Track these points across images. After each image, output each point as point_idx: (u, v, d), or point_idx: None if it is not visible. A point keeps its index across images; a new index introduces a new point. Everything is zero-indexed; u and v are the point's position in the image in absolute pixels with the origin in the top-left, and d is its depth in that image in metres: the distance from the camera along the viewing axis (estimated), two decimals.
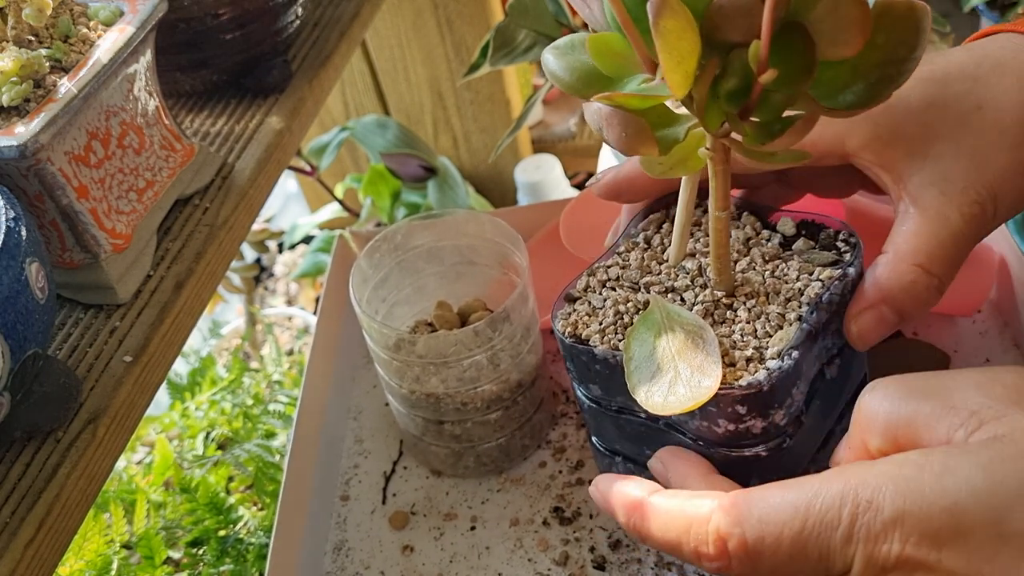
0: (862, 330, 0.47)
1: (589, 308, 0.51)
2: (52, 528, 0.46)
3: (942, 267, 0.46)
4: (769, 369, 0.44)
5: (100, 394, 0.51)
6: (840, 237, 0.49)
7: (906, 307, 0.47)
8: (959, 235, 0.46)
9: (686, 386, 0.43)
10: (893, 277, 0.46)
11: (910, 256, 0.46)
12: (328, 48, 0.75)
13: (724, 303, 0.48)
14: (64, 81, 0.51)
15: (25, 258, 0.44)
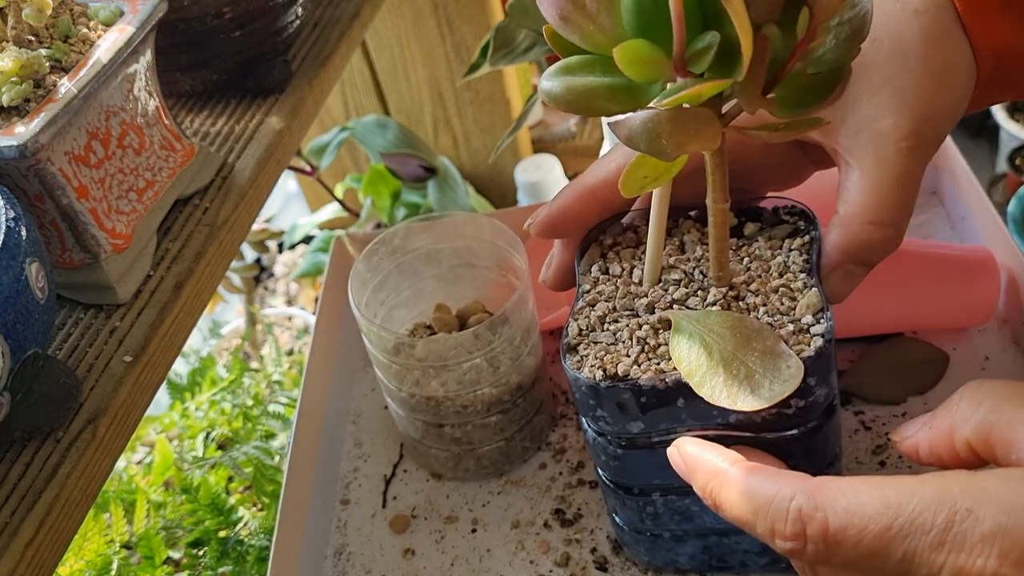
0: (834, 289, 0.47)
1: (602, 348, 0.48)
2: (52, 528, 0.46)
3: (894, 213, 0.45)
4: (824, 331, 0.45)
5: (100, 394, 0.51)
6: (782, 212, 0.51)
7: (870, 259, 0.47)
8: (903, 173, 0.45)
9: (768, 376, 0.43)
10: (849, 238, 0.46)
11: (859, 214, 0.45)
12: (328, 48, 0.75)
13: (731, 296, 0.48)
14: (64, 81, 0.51)
15: (25, 258, 0.44)
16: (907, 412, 0.63)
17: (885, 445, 0.62)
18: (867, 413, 0.64)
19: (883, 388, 0.65)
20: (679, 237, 0.52)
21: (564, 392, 0.71)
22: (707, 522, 0.53)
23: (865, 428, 0.63)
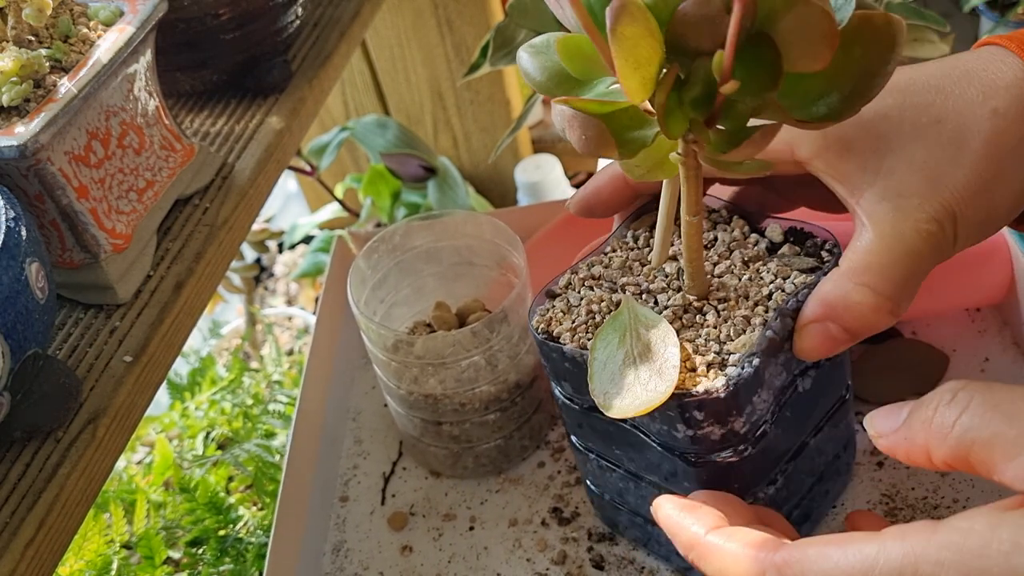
0: (804, 344, 0.45)
1: (565, 306, 0.51)
2: (52, 528, 0.46)
3: (893, 287, 0.44)
4: (728, 376, 0.44)
5: (100, 394, 0.51)
6: (826, 247, 0.48)
7: (852, 326, 0.44)
8: (914, 254, 0.43)
9: (643, 389, 0.43)
10: (837, 293, 0.44)
11: (858, 273, 0.44)
12: (328, 48, 0.75)
13: (695, 307, 0.47)
14: (64, 81, 0.51)
15: (25, 258, 0.44)
16: None
17: None
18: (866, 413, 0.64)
19: (883, 388, 0.65)
20: (719, 232, 0.51)
21: None
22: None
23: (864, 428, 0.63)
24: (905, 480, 0.60)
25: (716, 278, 0.48)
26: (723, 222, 0.51)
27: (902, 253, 0.43)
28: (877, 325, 0.44)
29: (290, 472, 0.64)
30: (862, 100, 0.38)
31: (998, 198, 0.44)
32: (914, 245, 0.43)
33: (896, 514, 0.58)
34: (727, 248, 0.50)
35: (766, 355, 0.45)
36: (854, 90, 0.38)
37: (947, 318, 0.69)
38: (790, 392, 0.49)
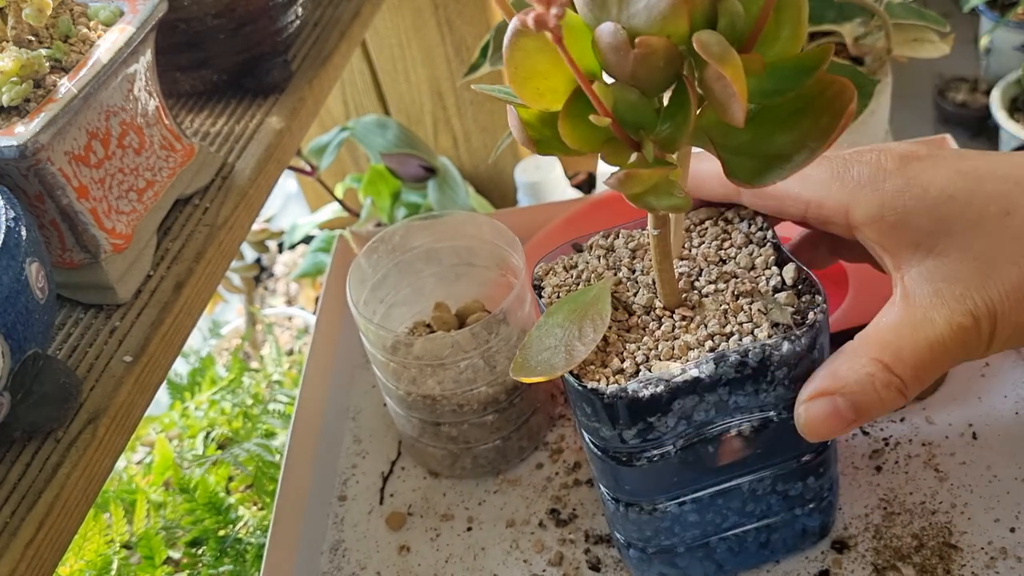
0: (811, 418, 0.44)
1: (571, 263, 0.52)
2: (52, 528, 0.46)
3: (909, 372, 0.42)
4: (620, 388, 0.45)
5: (100, 394, 0.51)
6: (817, 306, 0.46)
7: (861, 404, 0.43)
8: (939, 343, 0.42)
9: (545, 363, 0.45)
10: (851, 367, 0.43)
11: (876, 349, 0.43)
12: (328, 48, 0.75)
13: (656, 314, 0.48)
14: (64, 81, 0.51)
15: (25, 258, 0.44)
16: (904, 417, 0.63)
17: (882, 450, 0.62)
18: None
19: None
20: (742, 254, 0.50)
21: (562, 392, 0.71)
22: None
23: (863, 433, 0.63)
24: (903, 485, 0.59)
25: (700, 295, 0.48)
26: (756, 244, 0.50)
27: (926, 341, 0.42)
28: (885, 405, 0.43)
29: (289, 470, 0.64)
30: (784, 170, 0.38)
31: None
32: (941, 336, 0.42)
33: (893, 519, 0.58)
34: (731, 273, 0.49)
35: (678, 389, 0.45)
36: (780, 155, 0.38)
37: None
38: (719, 431, 0.48)
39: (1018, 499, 0.57)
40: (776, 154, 0.39)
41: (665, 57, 0.36)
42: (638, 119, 0.39)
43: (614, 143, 0.40)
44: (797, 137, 0.39)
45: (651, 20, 0.36)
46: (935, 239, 0.42)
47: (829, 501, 0.55)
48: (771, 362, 0.44)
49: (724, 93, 0.36)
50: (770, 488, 0.52)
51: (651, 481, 0.50)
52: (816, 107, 0.38)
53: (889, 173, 0.43)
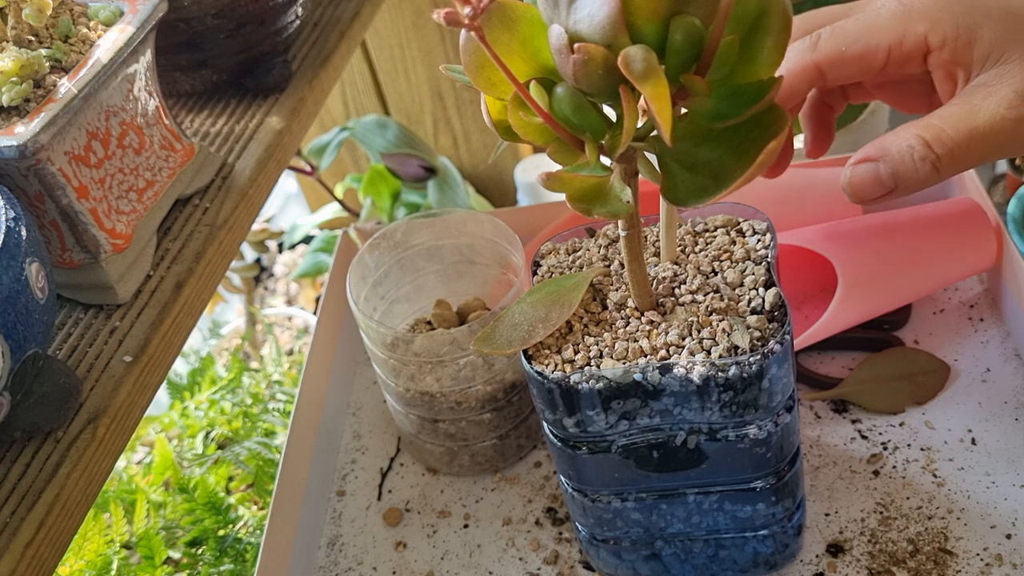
0: (855, 179, 0.46)
1: (572, 248, 0.54)
2: (52, 528, 0.46)
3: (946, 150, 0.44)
4: (563, 376, 0.46)
5: (100, 394, 0.51)
6: (778, 335, 0.45)
7: (900, 173, 0.45)
8: (978, 130, 0.44)
9: (505, 340, 0.47)
10: (896, 140, 0.45)
11: (921, 127, 0.45)
12: (328, 48, 0.75)
13: (627, 314, 0.48)
14: (64, 81, 0.51)
15: (25, 258, 0.44)
16: (904, 422, 0.63)
17: (880, 454, 0.62)
18: (864, 422, 0.64)
19: (881, 397, 0.65)
20: (730, 268, 0.50)
21: None
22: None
23: (862, 437, 0.63)
24: (900, 490, 0.60)
25: (676, 302, 0.48)
26: (754, 262, 0.50)
27: (968, 124, 0.44)
28: (921, 179, 0.45)
29: (287, 465, 0.64)
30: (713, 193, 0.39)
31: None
32: (984, 122, 0.44)
33: (890, 523, 0.58)
34: (715, 287, 0.49)
35: (617, 390, 0.46)
36: (716, 175, 0.40)
37: (949, 327, 0.69)
38: (664, 437, 0.49)
39: (1015, 506, 0.57)
40: (712, 174, 0.40)
41: (604, 66, 0.37)
42: (582, 121, 0.40)
43: (561, 142, 0.41)
44: (730, 160, 0.39)
45: (592, 28, 0.36)
46: (1003, 48, 0.45)
47: (786, 529, 0.55)
48: (716, 382, 0.45)
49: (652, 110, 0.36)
50: (717, 505, 0.52)
51: (592, 472, 0.51)
52: (751, 135, 0.39)
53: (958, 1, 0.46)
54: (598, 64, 0.37)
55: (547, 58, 0.40)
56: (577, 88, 0.39)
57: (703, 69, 0.38)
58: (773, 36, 0.39)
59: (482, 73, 0.40)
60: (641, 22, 0.37)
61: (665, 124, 0.36)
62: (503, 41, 0.39)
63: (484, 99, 0.42)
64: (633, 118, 0.38)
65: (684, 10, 0.37)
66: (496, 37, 0.39)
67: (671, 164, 0.41)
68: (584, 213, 0.41)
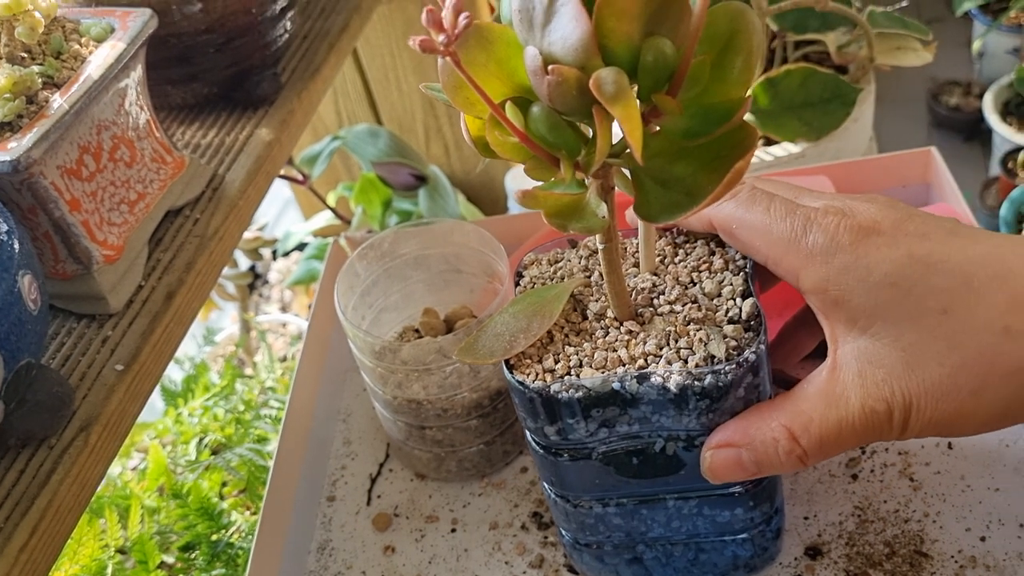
0: (715, 464, 0.46)
1: (555, 259, 0.55)
2: (45, 533, 0.47)
3: (814, 444, 0.44)
4: (543, 385, 0.47)
5: (92, 402, 0.52)
6: (754, 345, 0.46)
7: (763, 462, 0.45)
8: (847, 423, 0.43)
9: (486, 350, 0.48)
10: (760, 428, 0.45)
11: (788, 416, 0.44)
12: (317, 60, 0.77)
13: (606, 324, 0.49)
14: (56, 97, 0.52)
15: (18, 270, 0.45)
16: None
17: (858, 458, 0.63)
18: None
19: None
20: (708, 279, 0.50)
21: None
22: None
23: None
24: (878, 493, 0.61)
25: (654, 312, 0.49)
26: (732, 272, 0.50)
27: (836, 418, 0.43)
28: (785, 468, 0.45)
29: (278, 470, 0.65)
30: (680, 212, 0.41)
31: (968, 409, 0.42)
32: (852, 416, 0.43)
33: (867, 526, 0.59)
34: (692, 297, 0.50)
35: (596, 398, 0.46)
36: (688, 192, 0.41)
37: None
38: (643, 445, 0.50)
39: (989, 509, 0.58)
40: (684, 190, 0.41)
41: (577, 87, 0.37)
42: (557, 140, 0.41)
43: (538, 159, 0.42)
44: (702, 176, 0.40)
45: (565, 51, 0.37)
46: (871, 321, 0.43)
47: (765, 533, 0.56)
48: (692, 391, 0.45)
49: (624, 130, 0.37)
50: (696, 510, 0.53)
51: (573, 478, 0.52)
52: (722, 152, 0.40)
53: (841, 247, 0.44)
54: (571, 85, 0.38)
55: (523, 78, 0.41)
56: (552, 108, 0.40)
57: (675, 89, 0.40)
58: (743, 56, 0.40)
59: (460, 93, 0.41)
60: (613, 44, 0.38)
61: (636, 145, 0.37)
62: (480, 62, 0.41)
63: (463, 117, 0.43)
64: (607, 137, 0.39)
65: (656, 31, 0.38)
66: (473, 58, 0.40)
67: (645, 180, 0.42)
68: (560, 229, 0.43)
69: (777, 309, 0.72)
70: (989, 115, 1.80)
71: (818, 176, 0.75)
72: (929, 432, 0.43)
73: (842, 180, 0.76)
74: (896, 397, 0.43)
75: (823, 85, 0.87)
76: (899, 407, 0.43)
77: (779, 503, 0.55)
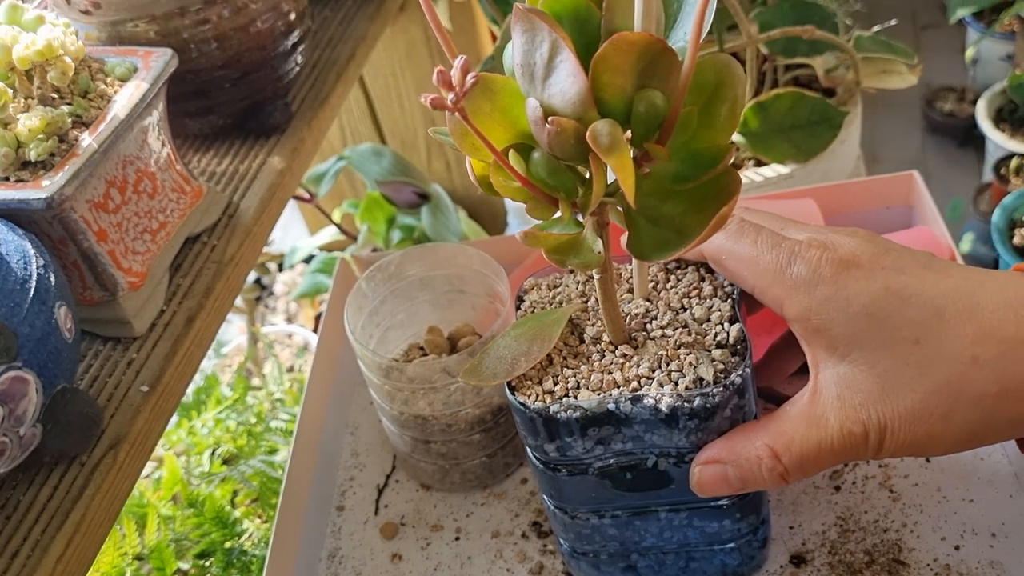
0: (703, 479, 0.50)
1: (555, 283, 0.58)
2: (79, 546, 0.50)
3: (794, 462, 0.47)
4: (543, 406, 0.50)
5: (120, 421, 0.55)
6: (739, 369, 0.49)
7: (747, 478, 0.48)
8: (826, 443, 0.46)
9: (490, 371, 0.51)
10: (745, 446, 0.48)
11: (771, 436, 0.48)
12: (326, 90, 0.80)
13: (602, 348, 0.52)
14: (85, 135, 0.56)
15: (55, 303, 0.49)
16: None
17: (841, 471, 0.66)
18: None
19: None
20: (698, 304, 0.53)
21: None
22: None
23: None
24: (859, 504, 0.64)
25: (647, 336, 0.52)
26: (720, 299, 0.53)
27: (816, 438, 0.47)
28: (768, 484, 0.48)
29: (290, 482, 0.68)
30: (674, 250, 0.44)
31: (939, 432, 0.45)
32: (829, 437, 0.46)
33: (848, 535, 0.62)
34: (683, 322, 0.53)
35: (593, 418, 0.50)
36: (678, 231, 0.44)
37: None
38: (636, 461, 0.53)
39: (964, 519, 0.61)
40: (674, 228, 0.44)
41: (575, 137, 0.41)
42: (556, 183, 0.44)
43: (538, 200, 0.45)
44: (691, 217, 0.44)
45: (564, 103, 0.41)
46: (849, 349, 0.46)
47: (751, 543, 0.59)
48: (682, 412, 0.49)
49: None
50: (686, 522, 0.56)
51: (571, 491, 0.55)
52: (709, 195, 0.43)
53: (823, 280, 0.47)
54: (570, 135, 0.41)
55: (525, 125, 0.44)
56: (552, 154, 0.43)
57: (665, 136, 0.43)
58: (728, 105, 0.43)
59: (466, 140, 0.44)
60: (608, 96, 0.41)
61: (629, 192, 0.40)
62: (485, 111, 0.44)
63: (469, 160, 0.47)
64: (602, 182, 0.43)
65: (648, 84, 0.42)
66: (478, 107, 0.43)
67: (637, 218, 0.45)
68: (560, 264, 0.46)
69: (766, 327, 0.75)
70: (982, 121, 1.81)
71: (804, 199, 0.78)
72: (902, 452, 0.46)
73: (829, 202, 0.79)
74: (872, 420, 0.46)
75: (811, 109, 0.90)
76: (875, 429, 0.46)
77: (765, 514, 0.58)
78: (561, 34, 0.40)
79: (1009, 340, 0.44)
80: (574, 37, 0.42)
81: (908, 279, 0.46)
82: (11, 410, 0.46)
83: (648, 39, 0.40)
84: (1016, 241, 1.58)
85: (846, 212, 0.81)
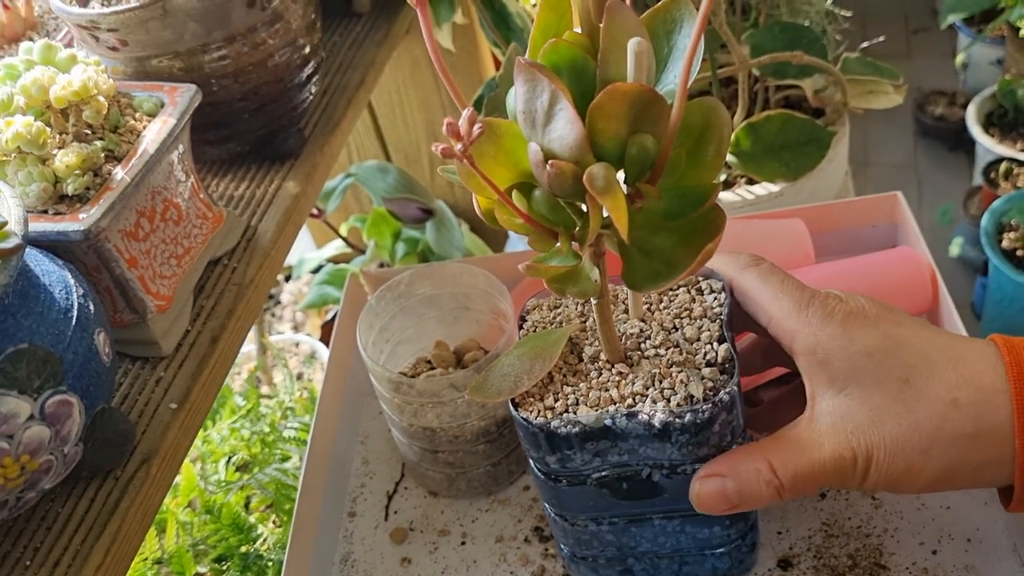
0: (702, 493, 0.53)
1: (556, 303, 0.61)
2: (116, 554, 0.54)
3: (789, 479, 0.51)
4: (545, 421, 0.53)
5: (151, 437, 0.59)
6: (728, 387, 0.52)
7: (744, 492, 0.52)
8: (819, 465, 0.51)
9: (494, 388, 0.54)
10: (746, 459, 0.52)
11: (771, 452, 0.52)
12: (337, 115, 0.83)
13: (600, 366, 0.56)
14: (118, 169, 0.59)
15: (94, 329, 0.52)
16: None
17: None
18: None
19: None
20: (689, 325, 0.56)
21: None
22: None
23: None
24: (843, 510, 0.67)
25: (642, 355, 0.56)
26: (709, 319, 0.57)
27: (810, 459, 0.51)
28: (763, 498, 0.52)
29: (305, 490, 0.71)
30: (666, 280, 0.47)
31: (917, 465, 0.50)
32: (824, 459, 0.51)
33: (833, 540, 0.65)
34: (675, 342, 0.56)
35: (591, 433, 0.53)
36: (669, 263, 0.48)
37: None
38: (631, 472, 0.56)
39: (941, 525, 0.64)
40: (665, 260, 0.48)
41: (573, 178, 0.44)
42: (556, 218, 0.48)
43: (539, 234, 0.49)
44: (681, 250, 0.47)
45: (563, 148, 0.44)
46: (847, 383, 0.52)
47: (741, 547, 0.62)
48: (674, 427, 0.52)
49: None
50: (679, 528, 0.60)
51: (571, 500, 0.59)
52: (697, 230, 0.47)
53: (833, 322, 0.52)
54: (568, 177, 0.45)
55: (526, 165, 0.47)
56: (551, 192, 0.47)
57: (655, 176, 0.46)
58: (715, 145, 0.47)
59: (473, 180, 0.48)
60: (603, 140, 0.45)
61: (623, 229, 0.44)
62: (490, 153, 0.47)
63: (475, 196, 0.50)
64: (598, 219, 0.46)
65: (640, 129, 0.45)
66: (484, 150, 0.47)
67: (631, 250, 0.49)
68: (559, 293, 0.50)
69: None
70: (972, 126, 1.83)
71: (793, 219, 0.81)
72: (883, 484, 0.51)
73: (817, 221, 0.82)
74: (860, 447, 0.50)
75: (800, 129, 0.94)
76: (862, 456, 0.51)
77: (753, 520, 0.62)
78: (560, 85, 0.44)
79: (986, 389, 0.49)
80: (571, 86, 0.46)
81: (905, 331, 0.52)
82: (57, 431, 0.50)
83: (640, 89, 0.44)
84: (1004, 245, 1.60)
85: (834, 231, 0.84)
